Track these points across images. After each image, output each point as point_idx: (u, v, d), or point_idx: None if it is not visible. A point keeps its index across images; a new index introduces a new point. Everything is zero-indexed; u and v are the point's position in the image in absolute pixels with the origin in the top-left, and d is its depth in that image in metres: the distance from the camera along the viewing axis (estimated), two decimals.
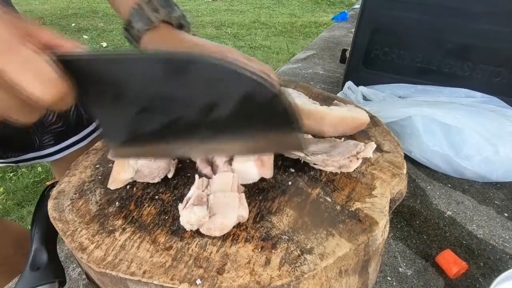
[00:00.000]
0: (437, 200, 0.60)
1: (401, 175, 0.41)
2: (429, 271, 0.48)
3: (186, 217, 0.33)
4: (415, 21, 0.75)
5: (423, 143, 0.63)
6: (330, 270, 0.31)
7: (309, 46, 1.38)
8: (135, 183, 0.40)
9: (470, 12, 0.70)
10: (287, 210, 0.36)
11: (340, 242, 0.32)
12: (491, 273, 0.48)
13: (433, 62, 0.77)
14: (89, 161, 0.45)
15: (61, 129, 0.68)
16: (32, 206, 1.61)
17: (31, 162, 0.70)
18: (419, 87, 0.77)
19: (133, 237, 0.33)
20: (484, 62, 0.72)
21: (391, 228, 0.55)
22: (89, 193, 0.39)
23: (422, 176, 0.65)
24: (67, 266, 0.50)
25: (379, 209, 0.36)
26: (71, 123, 0.69)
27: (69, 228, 0.35)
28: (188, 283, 0.29)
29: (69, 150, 0.70)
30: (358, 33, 0.81)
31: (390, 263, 0.49)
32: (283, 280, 0.29)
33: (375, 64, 0.82)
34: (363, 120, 0.47)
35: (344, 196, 0.38)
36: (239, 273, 0.30)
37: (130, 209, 0.37)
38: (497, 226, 0.55)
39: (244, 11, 4.94)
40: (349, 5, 4.77)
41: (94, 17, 4.32)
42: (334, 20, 1.75)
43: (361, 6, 0.79)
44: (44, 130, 0.66)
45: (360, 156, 0.41)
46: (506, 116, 0.64)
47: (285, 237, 0.33)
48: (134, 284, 0.30)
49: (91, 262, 0.31)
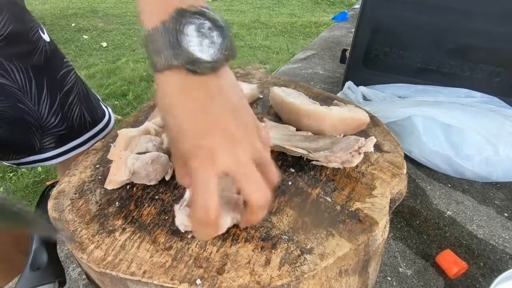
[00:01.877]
0: (437, 200, 0.60)
1: (401, 175, 0.41)
2: (429, 271, 0.48)
3: (180, 218, 0.33)
4: (415, 21, 0.75)
5: (423, 143, 0.63)
6: (330, 270, 0.31)
7: (309, 46, 1.38)
8: (135, 183, 0.40)
9: (470, 12, 0.70)
10: (287, 210, 0.36)
11: (340, 242, 0.32)
12: (491, 273, 0.48)
13: (433, 62, 0.77)
14: (89, 161, 0.45)
15: (62, 132, 0.67)
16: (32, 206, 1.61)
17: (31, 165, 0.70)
18: (419, 87, 0.77)
19: (133, 237, 0.33)
20: (484, 62, 0.72)
21: (391, 228, 0.55)
22: (89, 193, 0.39)
23: (422, 176, 0.65)
24: (67, 266, 0.50)
25: (379, 209, 0.36)
26: (73, 126, 0.69)
27: (69, 228, 0.35)
28: (188, 283, 0.29)
29: (70, 153, 0.70)
30: (358, 33, 0.81)
31: (390, 263, 0.49)
32: (283, 280, 0.29)
33: (375, 64, 0.82)
34: (363, 120, 0.47)
35: (344, 196, 0.38)
36: (239, 273, 0.30)
37: (130, 209, 0.37)
38: (497, 226, 0.55)
39: (244, 11, 4.94)
40: (349, 5, 4.77)
41: (94, 17, 4.32)
42: (334, 20, 1.75)
43: (361, 6, 0.79)
44: (45, 132, 0.66)
45: (362, 151, 0.41)
46: (506, 116, 0.64)
47: (285, 237, 0.33)
48: (134, 284, 0.30)
49: (91, 262, 0.31)
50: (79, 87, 0.69)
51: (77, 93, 0.68)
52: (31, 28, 0.60)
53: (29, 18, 0.61)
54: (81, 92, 0.70)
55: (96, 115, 0.73)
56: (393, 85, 0.80)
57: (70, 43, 3.48)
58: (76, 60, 3.08)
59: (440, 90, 0.75)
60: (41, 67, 0.61)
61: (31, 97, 0.61)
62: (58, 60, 0.66)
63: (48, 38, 0.64)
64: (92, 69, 2.90)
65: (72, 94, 0.67)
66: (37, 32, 0.61)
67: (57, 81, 0.65)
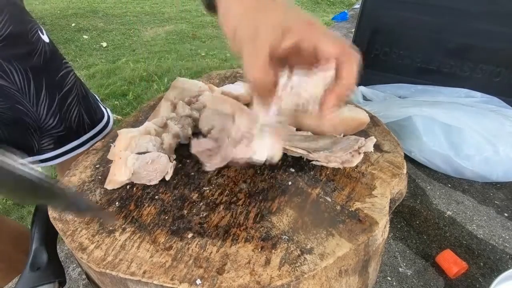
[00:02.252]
0: (437, 200, 0.60)
1: (401, 175, 0.41)
2: (429, 271, 0.48)
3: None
4: (415, 21, 0.75)
5: (423, 143, 0.63)
6: (330, 270, 0.31)
7: None
8: (135, 183, 0.40)
9: (470, 12, 0.70)
10: (287, 210, 0.36)
11: (340, 242, 0.32)
12: (491, 273, 0.48)
13: (433, 62, 0.77)
14: (89, 161, 0.45)
15: (61, 134, 0.67)
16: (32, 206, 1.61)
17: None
18: (419, 87, 0.77)
19: (133, 237, 0.33)
20: (484, 62, 0.72)
21: (391, 228, 0.55)
22: (89, 193, 0.39)
23: (422, 176, 0.65)
24: (67, 266, 0.50)
25: (379, 209, 0.36)
26: (72, 127, 0.69)
27: (69, 228, 0.35)
28: (188, 283, 0.29)
29: (69, 155, 0.69)
30: (358, 33, 0.81)
31: (390, 263, 0.49)
32: (283, 280, 0.29)
33: (375, 64, 0.82)
34: (363, 120, 0.47)
35: (344, 196, 0.38)
36: (239, 273, 0.30)
37: (130, 209, 0.37)
38: (497, 226, 0.55)
39: None
40: (349, 5, 4.76)
41: (94, 17, 4.32)
42: (334, 20, 1.75)
43: (361, 6, 0.79)
44: (43, 134, 0.65)
45: (362, 151, 0.41)
46: (506, 116, 0.64)
47: (285, 237, 0.33)
48: (134, 284, 0.30)
49: (91, 262, 0.31)
50: (78, 88, 0.69)
51: (76, 95, 0.68)
52: (30, 29, 0.60)
53: (29, 19, 0.61)
54: (80, 93, 0.70)
55: (95, 116, 0.73)
56: (393, 85, 0.80)
57: (70, 43, 3.47)
58: (76, 60, 3.08)
59: (440, 90, 0.75)
60: (40, 68, 0.61)
61: (29, 98, 0.61)
62: (57, 61, 0.66)
63: (48, 39, 0.64)
64: (92, 69, 2.90)
65: (71, 95, 0.67)
66: (37, 33, 0.61)
67: (56, 82, 0.65)
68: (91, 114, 0.72)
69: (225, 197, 0.38)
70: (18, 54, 0.57)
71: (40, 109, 0.63)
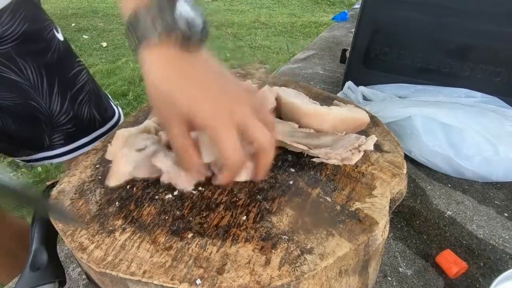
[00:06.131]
0: (437, 200, 0.60)
1: (401, 175, 0.41)
2: (429, 271, 0.48)
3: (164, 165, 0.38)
4: (415, 21, 0.75)
5: (423, 143, 0.63)
6: (330, 270, 0.31)
7: (309, 46, 1.38)
8: (135, 183, 0.40)
9: (470, 12, 0.70)
10: (287, 210, 0.36)
11: (340, 242, 0.32)
12: (491, 273, 0.48)
13: (433, 62, 0.77)
14: (89, 161, 0.45)
15: (72, 130, 0.68)
16: None
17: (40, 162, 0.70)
18: (419, 87, 0.77)
19: (133, 237, 0.33)
20: (484, 62, 0.72)
21: (391, 228, 0.55)
22: (89, 193, 0.39)
23: (422, 176, 0.65)
24: (67, 266, 0.50)
25: (379, 209, 0.36)
26: (83, 124, 0.69)
27: (69, 228, 0.35)
28: (188, 283, 0.29)
29: (79, 151, 0.70)
30: (358, 33, 0.81)
31: (390, 263, 0.49)
32: (283, 280, 0.29)
33: (375, 64, 0.82)
34: (363, 120, 0.47)
35: (344, 196, 0.38)
36: (239, 273, 0.30)
37: (130, 209, 0.37)
38: (497, 226, 0.55)
39: (244, 11, 4.94)
40: (349, 5, 4.77)
41: (94, 17, 4.32)
42: (334, 20, 1.75)
43: (361, 6, 0.79)
44: (55, 129, 0.66)
45: (362, 149, 0.41)
46: (506, 116, 0.64)
47: (285, 237, 0.33)
48: (134, 284, 0.30)
49: (91, 262, 0.31)
50: (90, 86, 0.70)
51: (87, 92, 0.69)
52: (46, 27, 0.61)
53: (45, 17, 0.62)
54: (92, 91, 0.70)
55: (106, 114, 0.74)
56: (393, 85, 0.80)
57: (70, 43, 3.45)
58: None
59: (440, 90, 0.75)
60: (53, 66, 0.62)
61: (42, 94, 0.61)
62: (70, 59, 0.67)
63: (62, 37, 0.66)
64: (92, 69, 2.90)
65: (83, 92, 0.68)
66: (52, 31, 0.62)
67: (69, 80, 0.66)
68: (102, 112, 0.73)
69: (225, 197, 0.38)
70: (33, 51, 0.58)
71: (52, 105, 0.63)
